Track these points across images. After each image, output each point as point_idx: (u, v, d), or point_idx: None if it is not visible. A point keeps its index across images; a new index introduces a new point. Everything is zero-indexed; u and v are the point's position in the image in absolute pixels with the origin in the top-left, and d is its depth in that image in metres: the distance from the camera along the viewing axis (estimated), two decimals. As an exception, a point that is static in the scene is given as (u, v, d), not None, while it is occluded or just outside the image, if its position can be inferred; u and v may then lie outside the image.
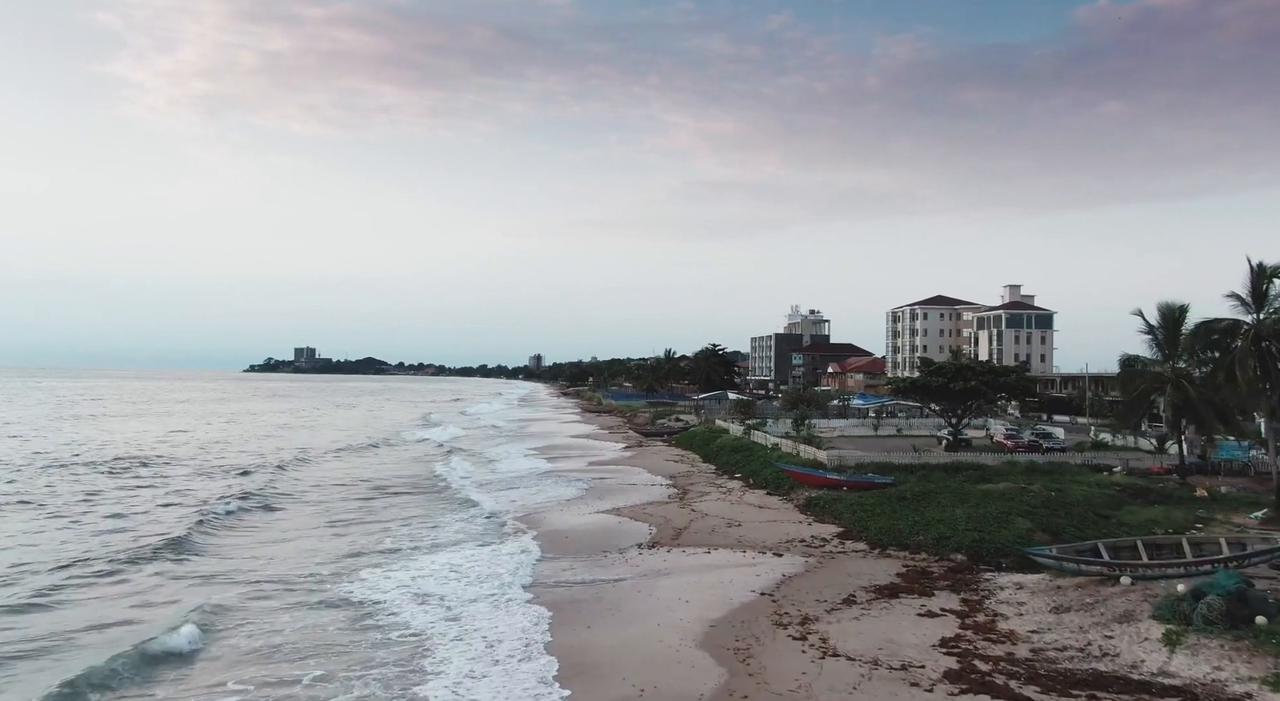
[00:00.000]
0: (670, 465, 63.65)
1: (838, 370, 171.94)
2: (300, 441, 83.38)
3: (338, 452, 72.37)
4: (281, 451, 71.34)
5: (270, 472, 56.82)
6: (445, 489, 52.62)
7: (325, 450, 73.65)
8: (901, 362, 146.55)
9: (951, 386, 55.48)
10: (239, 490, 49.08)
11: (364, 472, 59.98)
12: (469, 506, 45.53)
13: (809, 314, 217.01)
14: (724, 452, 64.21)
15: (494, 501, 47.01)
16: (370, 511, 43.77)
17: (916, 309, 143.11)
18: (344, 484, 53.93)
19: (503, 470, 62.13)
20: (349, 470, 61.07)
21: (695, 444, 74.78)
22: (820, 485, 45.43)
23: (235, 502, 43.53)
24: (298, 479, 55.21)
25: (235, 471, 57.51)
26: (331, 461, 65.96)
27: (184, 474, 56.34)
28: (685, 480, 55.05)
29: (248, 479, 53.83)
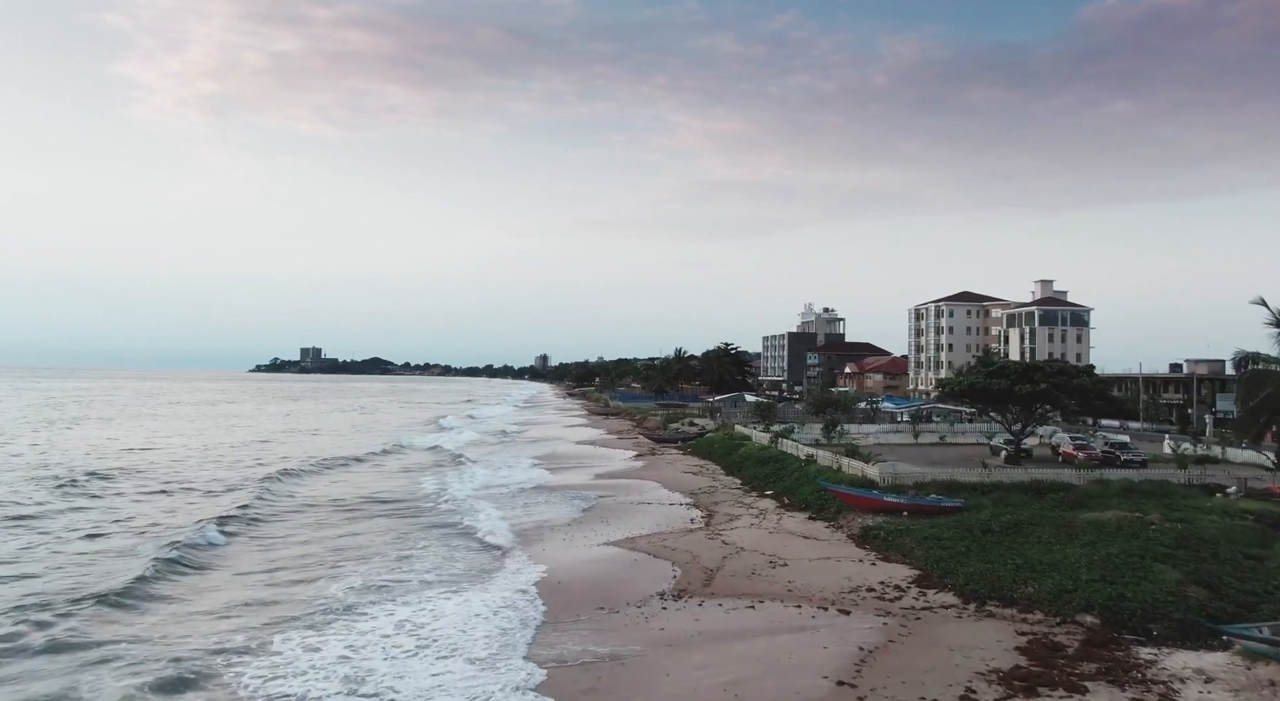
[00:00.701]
0: (688, 478, 55.78)
1: (856, 370, 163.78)
2: (295, 449, 75.60)
3: (332, 464, 63.65)
4: (267, 464, 63.34)
5: (252, 490, 48.12)
6: (434, 509, 44.89)
7: (321, 460, 64.86)
8: (926, 362, 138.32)
9: (1017, 389, 47.46)
10: (207, 515, 41.31)
11: (353, 489, 52.31)
12: (456, 535, 37.80)
13: (823, 312, 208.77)
14: (750, 464, 56.29)
15: (488, 523, 39.44)
16: (340, 548, 35.81)
17: (941, 306, 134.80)
18: (326, 506, 46.15)
19: (502, 483, 54.37)
20: (339, 487, 53.29)
21: (715, 452, 66.87)
22: (874, 508, 37.52)
23: (188, 538, 34.47)
24: (280, 500, 46.91)
25: (206, 490, 49.50)
26: (322, 478, 57.17)
27: (143, 493, 48.35)
28: (708, 498, 47.19)
29: (217, 501, 45.58)
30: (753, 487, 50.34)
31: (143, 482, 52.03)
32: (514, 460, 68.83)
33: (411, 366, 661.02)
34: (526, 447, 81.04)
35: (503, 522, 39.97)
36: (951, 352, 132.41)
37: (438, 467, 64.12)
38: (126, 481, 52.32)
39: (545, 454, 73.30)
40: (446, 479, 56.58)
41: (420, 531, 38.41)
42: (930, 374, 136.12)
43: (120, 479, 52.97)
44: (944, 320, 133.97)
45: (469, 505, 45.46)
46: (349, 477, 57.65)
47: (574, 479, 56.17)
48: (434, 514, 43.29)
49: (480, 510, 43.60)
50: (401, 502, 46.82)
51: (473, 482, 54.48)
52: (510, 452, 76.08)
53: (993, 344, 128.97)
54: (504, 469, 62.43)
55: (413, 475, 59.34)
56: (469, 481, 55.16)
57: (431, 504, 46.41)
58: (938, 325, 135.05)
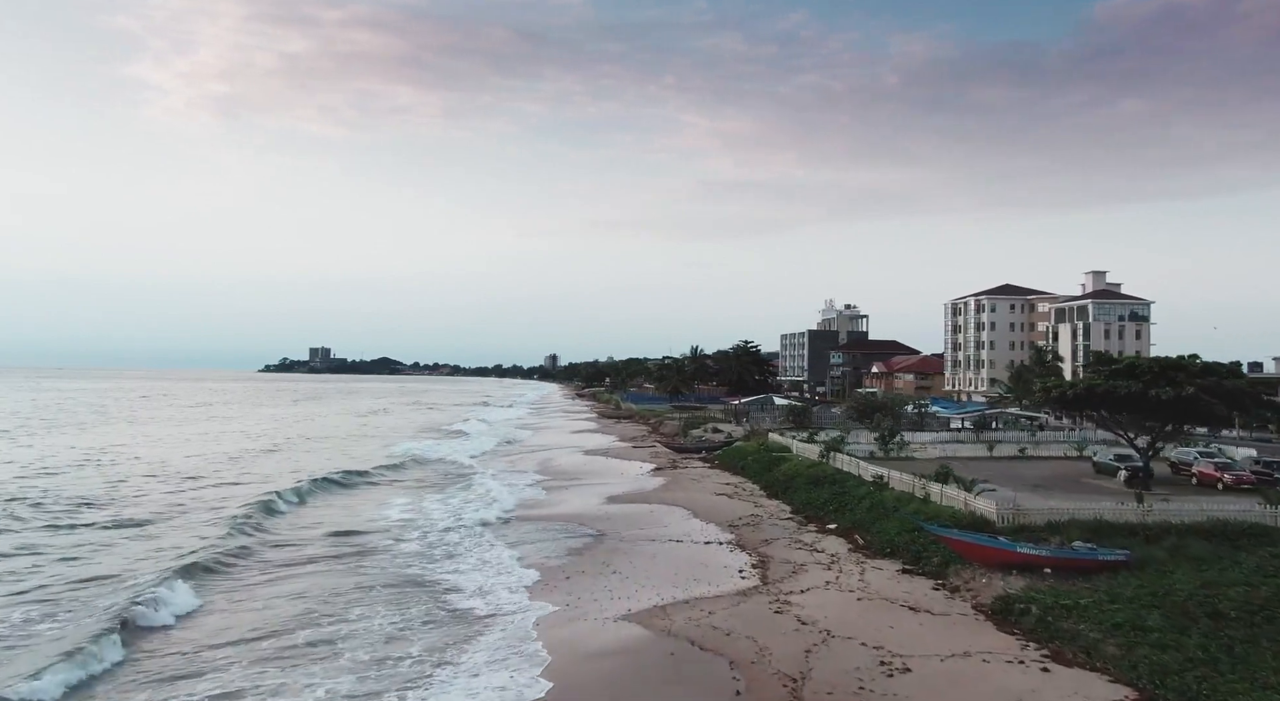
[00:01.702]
0: (723, 503, 44.75)
1: (884, 370, 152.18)
2: (297, 463, 64.86)
3: (329, 484, 51.72)
4: (252, 484, 52.50)
5: (221, 532, 35.82)
6: (422, 554, 34.06)
7: (315, 480, 53.37)
8: (964, 361, 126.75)
9: (1153, 394, 36.22)
10: (155, 573, 30.49)
11: (343, 516, 41.50)
12: (432, 599, 26.89)
13: (845, 308, 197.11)
14: (800, 486, 45.17)
15: (474, 580, 28.79)
16: (280, 631, 24.93)
17: (982, 300, 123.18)
18: (292, 550, 35.21)
19: (503, 510, 43.51)
20: (328, 514, 42.45)
21: (749, 467, 55.77)
22: (1003, 563, 26.44)
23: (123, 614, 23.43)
24: (259, 537, 35.73)
25: (178, 521, 38.67)
26: (312, 505, 45.76)
27: (103, 530, 37.75)
28: (754, 534, 36.22)
29: (179, 544, 34.57)
30: (809, 518, 39.26)
31: (115, 512, 41.07)
32: (519, 474, 58.00)
33: (420, 366, 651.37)
34: (529, 456, 70.10)
35: (496, 576, 29.29)
36: (993, 350, 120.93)
37: (438, 487, 53.02)
38: (93, 509, 41.60)
39: (549, 469, 62.24)
40: (452, 503, 45.80)
41: (389, 589, 27.57)
42: (970, 373, 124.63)
43: (52, 510, 41.90)
44: (985, 315, 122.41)
45: (459, 544, 34.81)
46: (342, 503, 46.51)
47: (580, 503, 45.18)
48: (418, 559, 32.43)
49: (469, 553, 32.98)
50: (380, 544, 35.84)
51: (474, 508, 43.64)
52: (515, 463, 65.19)
53: (1039, 340, 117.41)
54: (506, 488, 51.57)
55: (409, 496, 48.59)
56: (470, 507, 44.32)
57: (417, 544, 35.49)
58: (978, 321, 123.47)
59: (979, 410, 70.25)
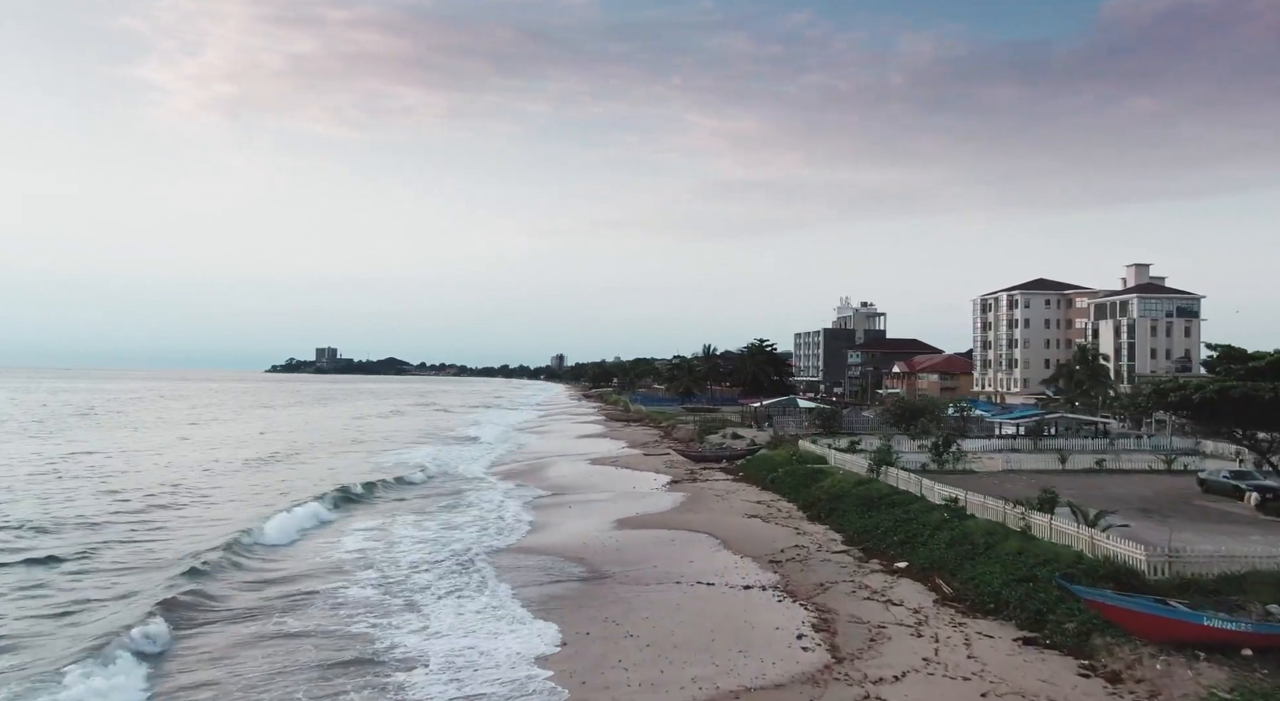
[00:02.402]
0: (757, 527, 37.08)
1: (905, 370, 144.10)
2: (279, 478, 57.48)
3: (305, 516, 43.75)
4: (216, 525, 44.95)
5: (159, 590, 28.52)
6: (332, 619, 26.49)
7: (293, 503, 46.01)
8: (995, 360, 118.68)
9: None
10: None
11: (299, 565, 33.79)
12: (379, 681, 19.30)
13: (861, 306, 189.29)
14: (849, 508, 37.37)
15: (426, 646, 21.28)
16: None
17: (1015, 295, 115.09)
18: (224, 625, 27.65)
19: (491, 542, 35.97)
20: (282, 567, 34.74)
21: (780, 481, 48.02)
22: (1176, 638, 18.67)
23: None
24: (209, 597, 28.27)
25: (96, 559, 31.14)
26: (273, 553, 38.63)
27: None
28: (802, 572, 28.58)
29: (115, 609, 27.11)
30: (869, 552, 31.50)
31: (30, 545, 33.63)
32: (521, 487, 50.51)
33: (427, 366, 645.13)
34: (531, 467, 62.49)
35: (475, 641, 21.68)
36: (1028, 349, 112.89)
37: (423, 512, 45.60)
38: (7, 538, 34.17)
39: (552, 482, 54.52)
40: (430, 527, 38.30)
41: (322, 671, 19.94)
42: (1001, 373, 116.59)
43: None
44: (1018, 311, 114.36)
45: (429, 588, 27.24)
46: (302, 550, 38.97)
47: (585, 528, 37.51)
48: (370, 613, 24.83)
49: (442, 603, 25.35)
50: (325, 588, 28.26)
51: (462, 535, 36.06)
52: (516, 474, 57.62)
53: (1077, 338, 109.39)
54: (504, 505, 44.00)
55: (387, 518, 41.04)
56: (457, 535, 36.76)
57: (374, 589, 27.92)
58: (1010, 317, 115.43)
59: (1035, 415, 62.37)
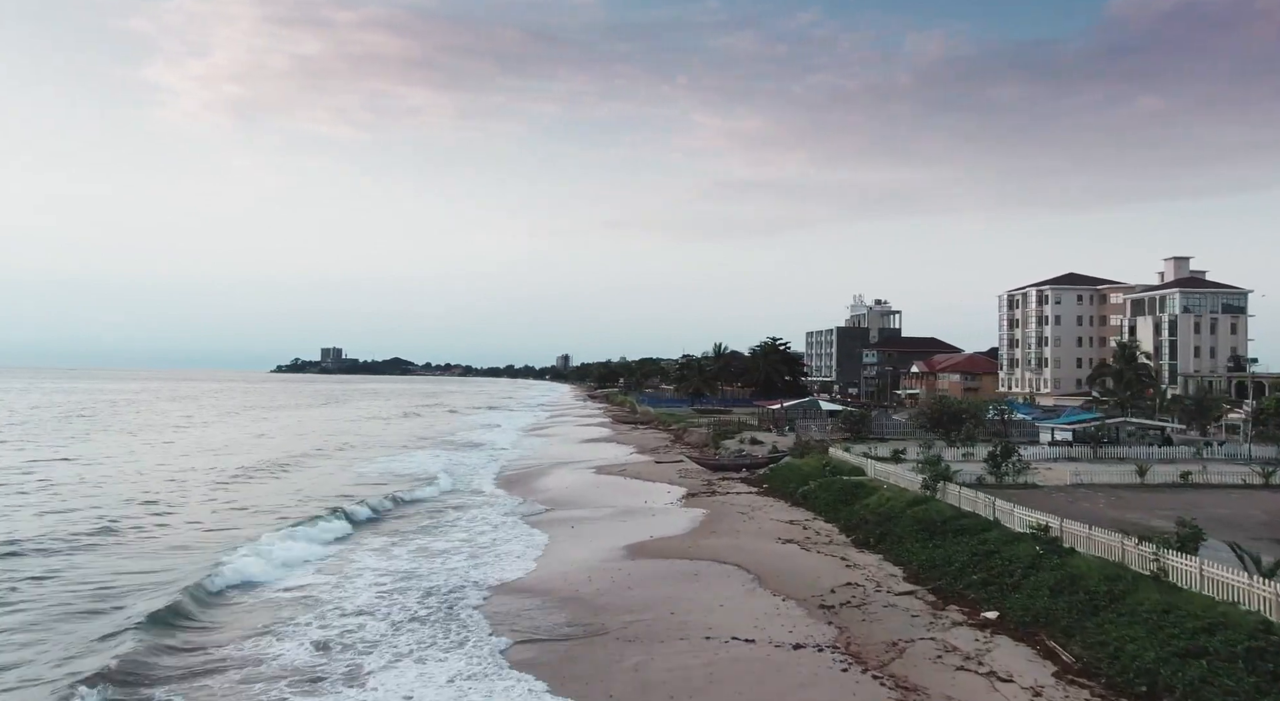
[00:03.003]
0: (796, 557, 30.73)
1: (925, 370, 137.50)
2: (249, 495, 51.25)
3: (271, 552, 38.47)
4: (174, 540, 38.49)
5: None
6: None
7: (266, 522, 39.94)
8: (1023, 360, 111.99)
9: None
10: None
11: (238, 633, 27.54)
12: None
13: (875, 304, 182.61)
14: (906, 534, 30.94)
15: None
16: None
17: (1045, 290, 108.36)
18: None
19: (479, 577, 29.70)
20: (219, 638, 28.40)
21: (813, 496, 41.62)
22: None
23: None
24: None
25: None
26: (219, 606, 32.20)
27: None
28: (864, 623, 22.32)
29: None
30: (942, 594, 25.06)
31: None
32: (517, 502, 44.27)
33: (432, 367, 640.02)
34: (531, 476, 56.18)
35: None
36: (1059, 347, 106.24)
37: (394, 538, 39.39)
38: None
39: (551, 496, 48.12)
40: (401, 557, 32.03)
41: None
42: (1029, 373, 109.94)
43: None
44: (1048, 308, 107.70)
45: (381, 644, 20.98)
46: (244, 608, 32.79)
47: (587, 558, 31.15)
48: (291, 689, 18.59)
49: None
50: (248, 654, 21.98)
51: (442, 571, 29.76)
52: (514, 485, 51.37)
53: (1112, 336, 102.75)
54: (490, 532, 37.73)
55: (348, 545, 34.76)
56: (436, 571, 30.47)
57: (308, 654, 21.65)
58: (1040, 313, 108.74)
59: (1092, 419, 55.69)
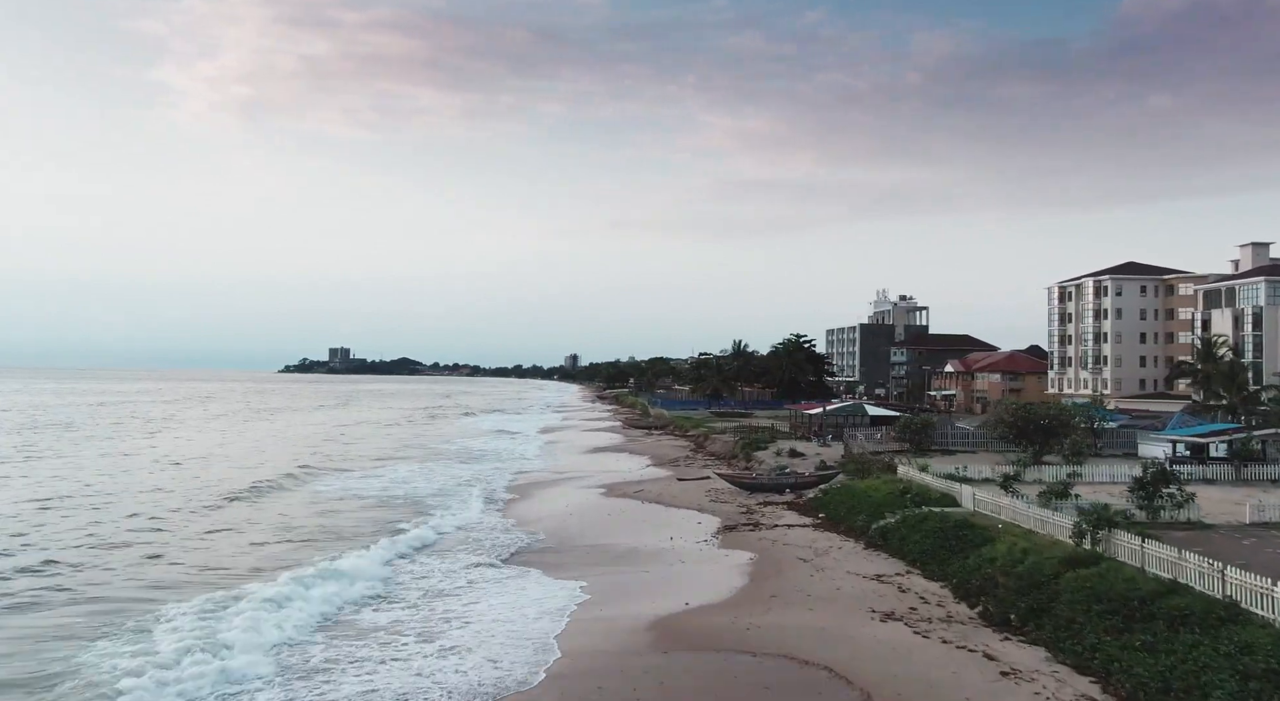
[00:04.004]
0: (907, 644, 19.99)
1: (960, 369, 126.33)
2: (201, 549, 40.67)
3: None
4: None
5: None
6: None
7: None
8: (1077, 358, 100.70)
9: None
10: None
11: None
12: None
13: (900, 300, 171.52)
14: (1072, 612, 20.07)
15: None
16: None
17: (1104, 281, 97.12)
18: None
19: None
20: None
21: (893, 533, 30.99)
22: None
23: None
24: None
25: None
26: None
27: None
28: None
29: None
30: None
31: None
32: (507, 533, 33.68)
33: (440, 367, 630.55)
34: (527, 501, 45.54)
35: None
36: (1120, 344, 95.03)
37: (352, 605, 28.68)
38: None
39: (550, 528, 37.39)
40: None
41: None
42: (1084, 373, 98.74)
43: None
44: (1106, 300, 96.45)
45: None
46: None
47: (596, 651, 20.40)
48: None
49: None
50: None
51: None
52: (508, 515, 40.78)
53: (1181, 331, 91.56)
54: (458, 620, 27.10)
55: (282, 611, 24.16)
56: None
57: None
58: (1098, 307, 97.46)
59: (1229, 429, 44.58)
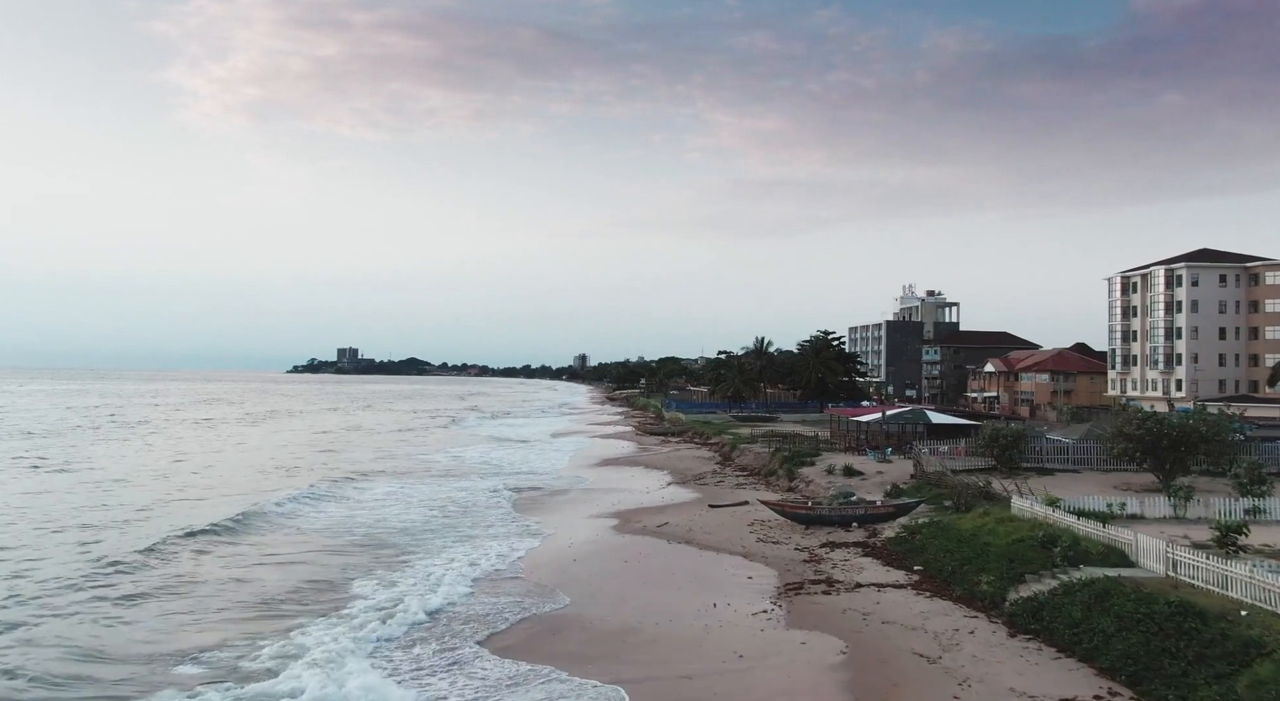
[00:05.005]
0: None
1: (1002, 369, 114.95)
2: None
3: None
4: None
5: None
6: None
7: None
8: (1148, 356, 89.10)
9: None
10: None
11: None
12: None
13: (928, 295, 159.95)
14: None
15: None
16: None
17: (1178, 270, 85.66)
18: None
19: None
20: None
21: (1049, 610, 19.91)
22: None
23: None
24: None
25: None
26: None
27: None
28: None
29: None
30: None
31: None
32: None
33: (449, 367, 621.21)
34: (517, 553, 34.60)
35: None
36: (1196, 340, 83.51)
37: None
38: None
39: (542, 591, 26.40)
40: None
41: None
42: (1152, 372, 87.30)
43: None
44: (1181, 291, 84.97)
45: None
46: None
47: None
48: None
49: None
50: None
51: None
52: (498, 580, 29.87)
53: (1269, 325, 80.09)
54: None
55: None
56: None
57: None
58: (1169, 299, 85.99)
59: None
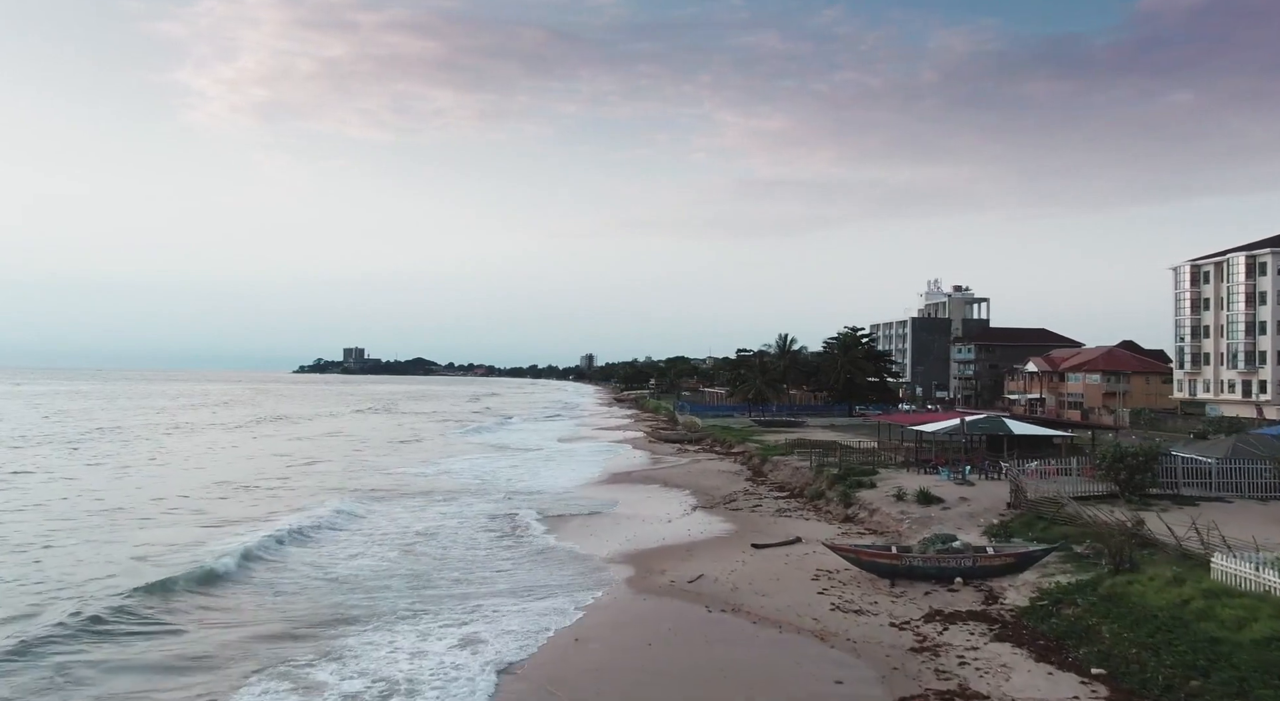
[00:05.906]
0: None
1: (1046, 369, 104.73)
2: None
3: None
4: None
5: None
6: None
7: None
8: (1224, 354, 78.83)
9: None
10: None
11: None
12: None
13: (955, 291, 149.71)
14: None
15: None
16: None
17: (1261, 256, 75.56)
18: None
19: None
20: None
21: None
22: None
23: None
24: None
25: None
26: None
27: None
28: None
29: None
30: None
31: None
32: None
33: (455, 367, 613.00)
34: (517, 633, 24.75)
35: None
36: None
37: None
38: None
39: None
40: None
41: None
42: (1229, 372, 77.03)
43: None
44: (1265, 280, 74.72)
45: None
46: None
47: None
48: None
49: None
50: None
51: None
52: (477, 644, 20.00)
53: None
54: None
55: None
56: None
57: None
58: (1250, 289, 75.81)
59: None
